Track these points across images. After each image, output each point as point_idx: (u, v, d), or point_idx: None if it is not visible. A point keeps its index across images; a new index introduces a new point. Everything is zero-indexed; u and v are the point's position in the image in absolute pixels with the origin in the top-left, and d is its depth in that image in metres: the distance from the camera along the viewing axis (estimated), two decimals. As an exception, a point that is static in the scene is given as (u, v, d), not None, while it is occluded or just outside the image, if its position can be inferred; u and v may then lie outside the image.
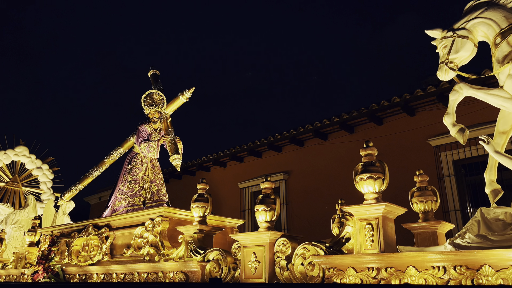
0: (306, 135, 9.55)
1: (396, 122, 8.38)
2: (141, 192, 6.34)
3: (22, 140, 10.54)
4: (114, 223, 5.66)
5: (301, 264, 3.42)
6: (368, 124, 8.74)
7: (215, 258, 4.11)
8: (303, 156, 9.82)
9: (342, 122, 8.77)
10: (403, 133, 8.22)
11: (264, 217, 3.79)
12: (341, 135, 9.19)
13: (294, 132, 9.56)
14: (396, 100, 7.93)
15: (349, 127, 8.97)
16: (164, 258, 4.70)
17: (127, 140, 7.12)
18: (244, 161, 11.15)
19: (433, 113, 7.87)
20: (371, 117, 8.40)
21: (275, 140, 10.02)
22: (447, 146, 7.51)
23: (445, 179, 7.33)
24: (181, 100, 6.73)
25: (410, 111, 8.06)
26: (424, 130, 7.86)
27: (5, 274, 7.05)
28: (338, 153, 9.20)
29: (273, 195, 3.88)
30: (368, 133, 8.78)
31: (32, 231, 7.17)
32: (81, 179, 7.55)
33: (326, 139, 9.47)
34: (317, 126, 9.13)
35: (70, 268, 5.76)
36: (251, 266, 3.65)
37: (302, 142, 9.89)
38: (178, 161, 6.20)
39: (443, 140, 7.52)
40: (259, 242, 3.67)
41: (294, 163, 10.00)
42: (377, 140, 8.34)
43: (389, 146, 8.26)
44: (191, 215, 5.28)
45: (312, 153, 9.62)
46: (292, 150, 10.06)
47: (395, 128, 8.32)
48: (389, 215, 3.18)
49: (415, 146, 7.95)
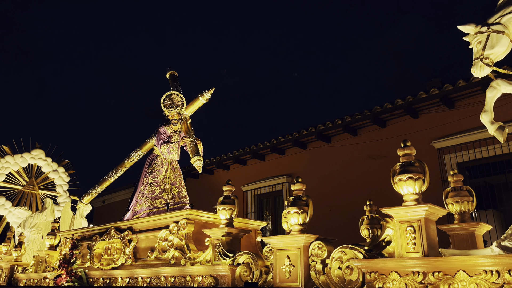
0: (310, 138, 9.58)
1: (399, 125, 8.38)
2: (162, 195, 6.28)
3: (38, 143, 10.56)
4: (136, 226, 5.61)
5: (338, 268, 3.33)
6: (372, 127, 8.75)
7: (245, 261, 4.03)
8: (306, 159, 9.84)
9: (345, 125, 8.81)
10: (406, 136, 7.99)
11: (297, 220, 3.70)
12: (344, 138, 9.20)
13: (298, 135, 9.56)
14: (400, 102, 7.90)
15: (353, 129, 8.98)
16: (190, 261, 4.63)
17: (146, 142, 7.07)
18: (247, 164, 11.15)
19: (436, 116, 7.89)
20: (375, 119, 8.41)
21: (279, 143, 10.03)
22: (451, 149, 7.47)
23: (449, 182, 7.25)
24: (201, 101, 6.66)
25: (413, 113, 8.05)
26: (427, 132, 7.84)
27: (26, 278, 7.04)
28: (342, 155, 9.22)
29: (305, 197, 3.79)
30: (372, 135, 8.78)
31: (52, 234, 7.15)
32: (100, 182, 7.52)
33: (329, 141, 9.49)
34: (321, 129, 9.15)
35: (93, 272, 5.71)
36: (285, 270, 3.56)
37: (306, 145, 9.91)
38: (200, 163, 6.13)
39: (447, 142, 7.51)
40: (293, 245, 3.58)
41: (297, 166, 10.00)
42: (380, 142, 8.71)
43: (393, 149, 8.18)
44: (215, 217, 5.23)
45: (316, 156, 9.64)
46: (296, 153, 10.07)
47: (398, 131, 8.30)
48: (431, 217, 3.07)
49: (418, 148, 7.77)
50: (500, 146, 6.89)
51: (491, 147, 6.99)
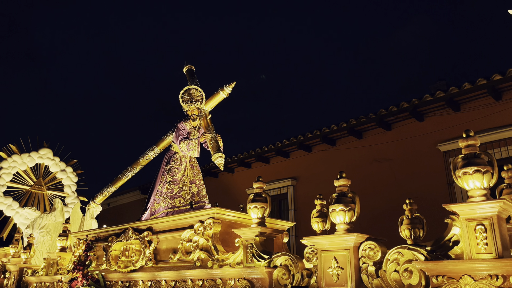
0: (314, 141, 9.49)
1: (404, 128, 8.30)
2: (181, 193, 5.98)
3: (45, 142, 10.26)
4: (156, 226, 5.30)
5: (394, 271, 3.01)
6: (377, 130, 8.66)
7: (283, 263, 3.72)
8: (311, 161, 9.74)
9: (350, 128, 8.73)
10: (411, 139, 8.13)
11: (343, 218, 3.39)
12: (349, 141, 9.11)
13: (302, 138, 9.48)
14: (405, 105, 7.81)
15: (357, 132, 8.90)
16: (218, 263, 4.32)
17: (163, 139, 6.77)
18: (252, 167, 11.04)
19: (442, 118, 7.80)
20: (380, 122, 8.35)
21: (283, 145, 9.92)
22: (456, 152, 7.29)
23: (455, 184, 7.16)
24: (221, 96, 6.37)
25: (418, 116, 7.97)
26: (433, 135, 7.76)
27: (36, 281, 6.72)
28: (347, 158, 9.11)
29: (351, 193, 3.49)
30: (377, 138, 8.70)
31: (64, 236, 6.84)
32: (113, 181, 7.21)
33: (334, 144, 9.39)
34: (325, 132, 9.06)
35: (110, 275, 5.39)
36: (332, 273, 3.25)
37: (310, 148, 9.81)
38: (221, 160, 5.84)
39: (452, 145, 7.40)
40: (341, 246, 3.27)
41: (302, 169, 9.91)
42: (385, 145, 8.64)
43: (398, 152, 8.24)
44: (241, 217, 4.94)
45: (320, 159, 9.54)
46: (300, 156, 9.98)
47: (403, 134, 8.26)
48: (503, 214, 2.76)
49: (424, 151, 7.82)
50: (507, 149, 6.89)
51: (497, 149, 6.95)
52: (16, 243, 8.06)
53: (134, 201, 14.64)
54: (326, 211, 4.94)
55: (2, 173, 9.38)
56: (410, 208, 4.49)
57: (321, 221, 4.85)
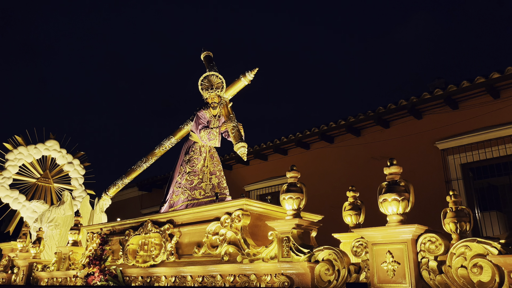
0: (313, 138, 9.45)
1: (403, 125, 8.30)
2: (201, 185, 5.69)
3: (52, 134, 9.93)
4: (178, 219, 5.00)
5: (461, 266, 2.73)
6: (375, 127, 8.65)
7: (325, 258, 3.43)
8: (309, 159, 9.70)
9: (348, 125, 8.68)
10: (410, 136, 8.13)
11: (395, 209, 3.10)
12: (347, 138, 9.09)
13: (301, 135, 9.42)
14: (403, 103, 7.80)
15: (356, 130, 8.86)
16: (249, 258, 4.02)
17: (180, 129, 6.47)
18: (250, 164, 10.89)
19: (440, 116, 7.79)
20: (378, 120, 8.30)
21: (281, 143, 9.85)
22: (454, 150, 7.44)
23: (452, 182, 7.28)
24: (243, 83, 6.06)
25: (417, 114, 7.96)
26: (431, 133, 7.78)
27: (48, 277, 6.43)
28: (345, 156, 9.06)
29: (403, 182, 3.19)
30: (375, 136, 8.68)
31: (75, 229, 6.55)
32: (127, 172, 6.90)
33: (332, 142, 9.36)
34: (324, 129, 9.01)
35: (129, 270, 5.10)
36: (387, 268, 2.96)
37: (309, 145, 9.78)
38: (244, 150, 5.53)
39: (450, 143, 7.47)
40: (396, 239, 2.98)
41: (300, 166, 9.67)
42: (383, 143, 8.55)
43: (396, 150, 8.21)
44: (270, 209, 4.67)
45: (319, 156, 9.51)
46: (299, 153, 9.92)
47: (402, 131, 8.26)
48: None
49: (422, 149, 7.80)
50: (504, 147, 6.84)
51: (495, 148, 6.94)
52: (24, 237, 7.76)
53: (132, 198, 14.40)
54: (360, 203, 4.67)
55: (8, 165, 9.06)
56: (454, 200, 4.21)
57: (354, 214, 4.57)
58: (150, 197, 14.01)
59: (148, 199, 14.01)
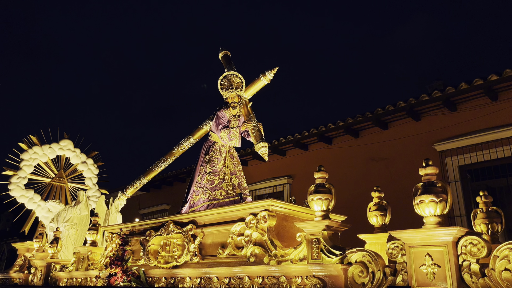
0: (311, 139, 9.46)
1: (401, 127, 8.33)
2: (221, 185, 5.65)
3: (66, 134, 9.94)
4: (201, 220, 4.97)
5: (504, 269, 2.67)
6: (373, 129, 8.64)
7: (358, 260, 3.38)
8: (307, 160, 9.70)
9: (347, 127, 8.71)
10: (408, 138, 8.11)
11: (433, 210, 3.04)
12: (346, 139, 9.10)
13: (299, 136, 9.42)
14: (402, 104, 7.82)
15: (354, 131, 8.87)
16: (277, 259, 3.98)
17: (199, 129, 6.43)
18: (248, 165, 10.92)
19: (438, 118, 7.81)
20: (376, 121, 8.31)
21: (280, 144, 9.85)
22: (452, 151, 7.43)
23: (450, 184, 7.25)
24: (263, 82, 6.01)
25: (415, 115, 7.98)
26: (429, 135, 7.80)
27: (67, 277, 6.42)
28: (343, 157, 9.03)
29: (440, 183, 3.13)
30: (373, 137, 8.67)
31: (93, 229, 6.54)
32: (145, 172, 6.88)
33: (331, 143, 9.37)
34: (322, 130, 9.01)
35: (151, 271, 5.07)
36: (426, 271, 2.90)
37: (307, 146, 9.78)
38: (265, 150, 5.48)
39: (448, 145, 7.48)
40: (435, 241, 2.92)
41: (298, 167, 9.89)
42: (381, 145, 8.54)
43: (394, 151, 8.22)
44: (295, 209, 4.62)
45: (317, 157, 9.50)
46: (297, 154, 9.94)
47: (400, 133, 8.28)
48: None
49: (420, 151, 7.78)
50: (502, 149, 6.84)
51: (493, 150, 6.90)
52: (40, 237, 7.78)
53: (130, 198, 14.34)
54: (386, 203, 4.61)
55: (23, 165, 9.07)
56: (485, 201, 4.15)
57: (380, 215, 4.52)
58: (148, 197, 13.99)
59: (147, 199, 13.99)
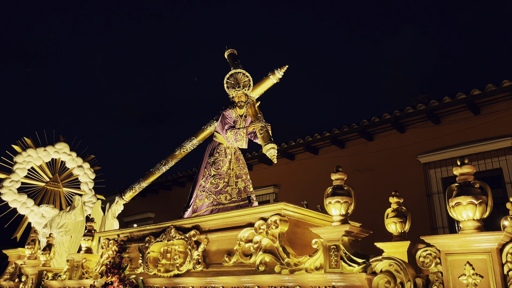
0: (297, 149, 9.49)
1: (386, 139, 8.41)
2: (226, 189, 5.31)
3: (62, 136, 9.57)
4: (205, 225, 4.62)
5: (560, 281, 2.34)
6: (359, 140, 8.70)
7: (384, 269, 3.04)
8: (293, 169, 9.70)
9: (333, 137, 8.77)
10: (393, 150, 8.22)
11: (472, 213, 2.71)
12: (332, 150, 9.15)
13: (285, 146, 9.40)
14: (387, 116, 7.92)
15: (340, 142, 8.94)
16: (290, 268, 3.64)
17: (203, 130, 6.10)
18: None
19: (422, 131, 7.92)
20: (362, 132, 8.39)
21: None
22: (436, 163, 7.53)
23: (433, 196, 7.40)
24: (271, 81, 5.71)
25: (400, 128, 8.07)
26: (413, 147, 7.91)
27: (59, 286, 6.02)
28: (329, 167, 8.75)
29: (479, 183, 2.81)
30: (359, 148, 8.75)
31: (89, 236, 6.16)
32: (145, 176, 6.52)
33: (317, 153, 9.42)
34: (308, 141, 9.13)
35: (151, 280, 4.71)
36: (466, 282, 2.57)
37: (293, 156, 9.76)
38: (274, 151, 5.17)
39: (432, 157, 7.58)
40: (477, 248, 2.59)
41: (284, 177, 9.86)
42: (367, 156, 8.48)
43: (379, 162, 8.39)
44: (308, 214, 4.29)
45: (303, 167, 9.51)
46: (283, 164, 9.81)
47: (385, 144, 8.38)
48: None
49: (404, 162, 7.87)
50: (484, 163, 6.95)
51: (475, 163, 6.90)
52: (32, 244, 7.37)
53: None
54: (405, 209, 4.28)
55: (17, 168, 8.69)
56: None
57: (399, 222, 4.17)
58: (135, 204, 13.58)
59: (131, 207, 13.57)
